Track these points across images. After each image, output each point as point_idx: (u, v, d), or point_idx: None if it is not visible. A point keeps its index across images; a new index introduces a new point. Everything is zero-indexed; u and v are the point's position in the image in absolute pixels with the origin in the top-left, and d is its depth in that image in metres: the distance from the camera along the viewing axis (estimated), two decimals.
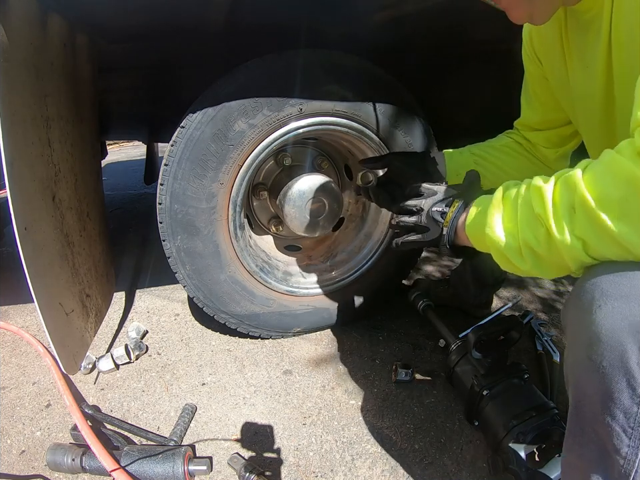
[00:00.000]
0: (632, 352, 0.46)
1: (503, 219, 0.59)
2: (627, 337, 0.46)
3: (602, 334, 0.48)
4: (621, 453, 0.50)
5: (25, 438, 1.04)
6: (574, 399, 0.56)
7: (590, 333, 0.50)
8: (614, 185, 0.46)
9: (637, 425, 0.48)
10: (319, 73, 1.10)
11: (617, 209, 0.46)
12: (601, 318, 0.48)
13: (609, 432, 0.50)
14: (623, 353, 0.47)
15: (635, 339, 0.46)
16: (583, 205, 0.48)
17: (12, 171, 0.77)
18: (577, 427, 0.57)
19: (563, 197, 0.51)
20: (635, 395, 0.47)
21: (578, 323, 0.53)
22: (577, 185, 0.49)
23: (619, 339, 0.47)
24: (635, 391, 0.47)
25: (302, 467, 0.95)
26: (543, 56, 0.86)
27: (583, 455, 0.56)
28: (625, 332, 0.46)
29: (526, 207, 0.55)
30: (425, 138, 1.27)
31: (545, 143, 0.97)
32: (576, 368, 0.55)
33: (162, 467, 0.88)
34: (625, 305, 0.47)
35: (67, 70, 1.04)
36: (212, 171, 1.09)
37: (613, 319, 0.47)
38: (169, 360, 1.31)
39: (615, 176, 0.46)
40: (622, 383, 0.47)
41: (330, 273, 1.39)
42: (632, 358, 0.46)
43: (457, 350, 1.10)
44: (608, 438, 0.51)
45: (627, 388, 0.47)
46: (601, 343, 0.48)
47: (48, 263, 0.94)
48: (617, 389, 0.48)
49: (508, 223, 0.58)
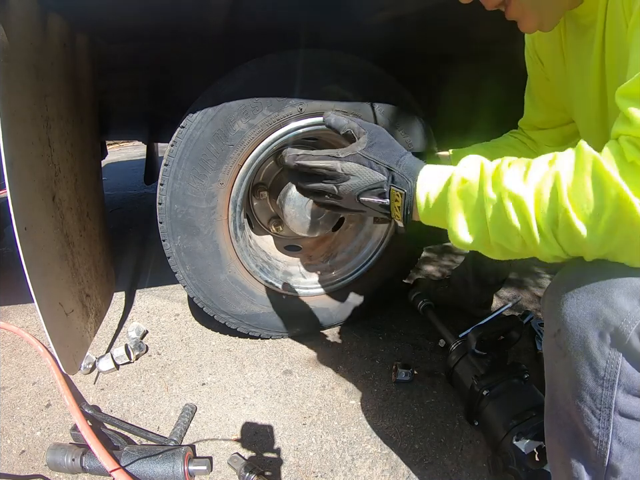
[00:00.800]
0: (592, 337, 0.50)
1: (466, 221, 0.55)
2: (588, 324, 0.50)
3: (567, 322, 0.52)
4: (592, 434, 0.53)
5: (25, 438, 1.04)
6: (548, 385, 0.60)
7: (558, 322, 0.54)
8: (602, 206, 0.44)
9: (603, 406, 0.51)
10: (318, 73, 1.10)
11: (602, 227, 0.45)
12: (567, 308, 0.52)
13: (579, 414, 0.53)
14: (585, 339, 0.51)
15: (595, 326, 0.50)
16: (566, 221, 0.46)
17: (12, 171, 0.77)
18: (552, 412, 0.60)
19: (545, 215, 0.48)
20: (598, 377, 0.50)
21: (549, 313, 0.57)
22: (561, 200, 0.46)
23: (582, 327, 0.51)
24: (597, 373, 0.50)
25: (302, 467, 0.95)
26: (544, 56, 0.86)
27: (560, 439, 0.59)
28: (587, 320, 0.50)
29: (499, 215, 0.51)
30: (425, 138, 1.27)
31: (549, 142, 0.97)
32: (548, 355, 0.59)
33: (162, 466, 0.88)
34: (589, 298, 0.51)
35: (67, 70, 1.04)
36: (212, 171, 1.09)
37: (577, 310, 0.51)
38: (169, 360, 1.31)
39: (603, 197, 0.44)
40: (586, 367, 0.51)
41: (330, 273, 1.39)
42: (593, 343, 0.50)
43: (457, 350, 1.10)
44: (579, 420, 0.54)
45: (590, 371, 0.51)
46: (567, 331, 0.52)
47: (48, 263, 0.94)
48: (581, 372, 0.52)
49: (473, 224, 0.54)
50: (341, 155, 0.64)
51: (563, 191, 0.46)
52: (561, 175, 0.47)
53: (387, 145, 0.65)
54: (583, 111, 0.78)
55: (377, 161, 0.63)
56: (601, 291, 0.50)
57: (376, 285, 1.42)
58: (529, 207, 0.49)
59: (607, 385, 0.50)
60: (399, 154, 0.64)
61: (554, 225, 0.48)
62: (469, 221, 0.55)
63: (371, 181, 0.63)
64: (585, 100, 0.74)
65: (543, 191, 0.48)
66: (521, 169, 0.52)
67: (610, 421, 0.51)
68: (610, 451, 0.52)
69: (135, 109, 1.80)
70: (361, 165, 0.63)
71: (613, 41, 0.61)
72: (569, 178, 0.46)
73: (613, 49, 0.62)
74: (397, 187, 0.61)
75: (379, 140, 0.65)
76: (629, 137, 0.45)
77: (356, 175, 0.63)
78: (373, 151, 0.63)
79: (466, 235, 0.55)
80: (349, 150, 0.64)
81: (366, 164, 0.63)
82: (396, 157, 0.63)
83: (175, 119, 1.09)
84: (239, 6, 0.96)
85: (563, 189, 0.46)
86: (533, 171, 0.50)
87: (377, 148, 0.64)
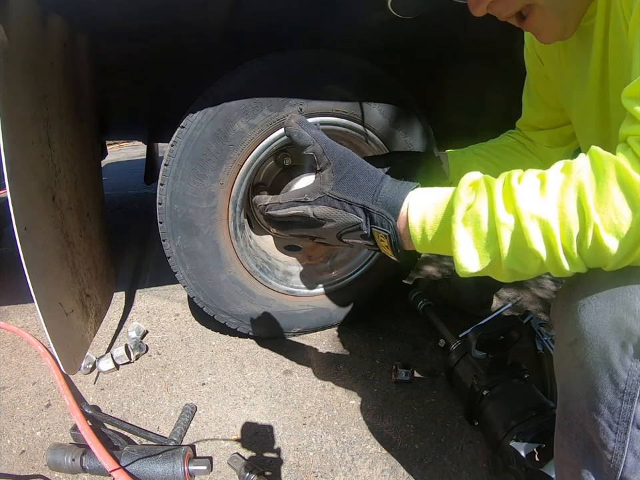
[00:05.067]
0: (614, 348, 0.47)
1: (476, 250, 0.49)
2: (609, 334, 0.47)
3: (586, 331, 0.49)
4: (607, 447, 0.51)
5: (25, 438, 1.04)
6: (561, 396, 0.57)
7: (575, 330, 0.50)
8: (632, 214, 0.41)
9: (621, 419, 0.49)
10: (318, 72, 1.10)
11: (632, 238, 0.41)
12: (585, 316, 0.49)
13: (595, 427, 0.51)
14: (605, 349, 0.47)
15: (616, 336, 0.47)
16: (594, 237, 0.42)
17: (12, 171, 0.77)
18: (565, 423, 0.57)
19: (572, 233, 0.43)
20: (618, 390, 0.48)
21: (564, 321, 0.53)
22: (587, 214, 0.42)
23: (602, 336, 0.47)
24: (617, 386, 0.48)
25: (302, 467, 0.95)
26: (544, 56, 0.86)
27: (572, 451, 0.57)
28: (608, 329, 0.47)
29: (516, 240, 0.46)
30: (424, 138, 1.27)
31: (548, 143, 0.97)
32: (562, 365, 0.55)
33: (162, 466, 0.88)
34: (609, 305, 0.47)
35: (67, 70, 1.04)
36: (212, 171, 1.09)
37: (597, 318, 0.48)
38: (169, 360, 1.31)
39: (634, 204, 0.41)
40: (605, 378, 0.48)
41: (330, 273, 1.39)
42: (614, 354, 0.47)
43: (457, 350, 1.10)
44: (594, 433, 0.51)
45: (610, 383, 0.48)
46: (585, 340, 0.49)
47: (48, 263, 0.94)
48: (600, 384, 0.49)
49: (484, 253, 0.48)
50: (309, 199, 0.56)
51: (589, 203, 0.42)
52: (585, 186, 0.42)
53: (359, 176, 0.56)
54: (580, 111, 0.78)
55: (350, 201, 0.55)
56: (621, 298, 0.47)
57: (376, 285, 1.42)
58: (554, 228, 0.43)
59: (627, 398, 0.48)
60: (374, 184, 0.55)
61: (580, 243, 0.43)
62: (479, 250, 0.48)
63: (347, 224, 0.56)
64: (583, 101, 0.74)
65: (568, 206, 0.43)
66: (534, 183, 0.46)
67: (627, 434, 0.49)
68: (624, 464, 0.50)
69: (135, 109, 1.80)
70: (333, 208, 0.55)
71: (614, 40, 0.61)
72: (593, 188, 0.42)
73: (614, 49, 0.61)
74: (378, 229, 0.54)
75: (347, 171, 0.56)
76: (638, 137, 0.43)
77: (330, 219, 0.56)
78: (342, 188, 0.55)
79: (475, 265, 0.49)
80: (317, 191, 0.56)
81: (338, 206, 0.55)
82: (371, 191, 0.55)
83: (175, 118, 1.09)
84: (239, 6, 0.96)
85: (588, 201, 0.42)
86: (549, 184, 0.45)
87: (348, 182, 0.55)
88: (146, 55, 1.26)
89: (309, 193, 0.57)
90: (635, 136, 0.44)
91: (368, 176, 0.56)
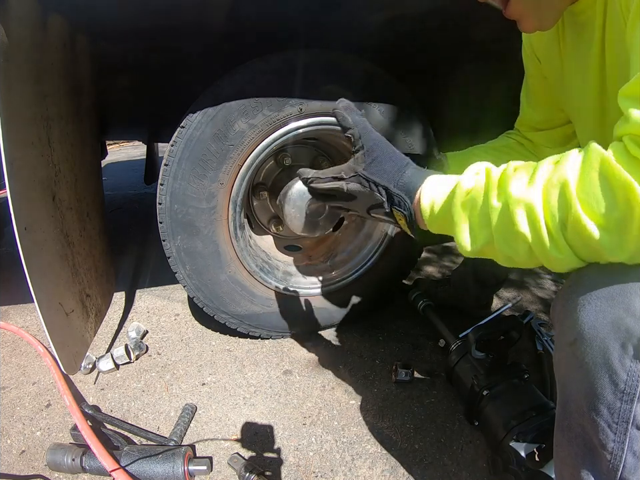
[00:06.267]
0: (614, 349, 0.47)
1: (471, 231, 0.55)
2: (609, 334, 0.47)
3: (585, 332, 0.49)
4: (607, 448, 0.51)
5: (25, 438, 1.04)
6: (560, 396, 0.58)
7: (574, 331, 0.51)
8: (612, 204, 0.43)
9: (620, 420, 0.49)
10: (318, 72, 1.10)
11: (614, 226, 0.43)
12: (585, 316, 0.49)
13: (594, 427, 0.51)
14: (605, 349, 0.48)
15: (616, 336, 0.47)
16: (575, 221, 0.45)
17: (12, 171, 0.77)
18: (564, 423, 0.58)
19: (555, 215, 0.46)
20: (618, 391, 0.48)
21: (564, 321, 0.54)
22: (569, 198, 0.45)
23: (602, 337, 0.48)
24: (617, 386, 0.48)
25: (302, 467, 0.95)
26: (542, 54, 0.86)
27: (572, 451, 0.57)
28: (607, 330, 0.47)
29: (504, 223, 0.50)
30: (425, 138, 1.27)
31: (548, 143, 0.97)
32: (561, 365, 0.56)
33: (162, 467, 0.88)
34: (609, 305, 0.48)
35: (67, 70, 1.04)
36: (212, 171, 1.09)
37: (597, 318, 0.48)
38: (169, 360, 1.31)
39: (613, 194, 0.43)
40: (605, 379, 0.48)
41: (330, 273, 1.39)
42: (614, 354, 0.47)
43: (457, 350, 1.10)
44: (594, 433, 0.52)
45: (610, 384, 0.48)
46: (584, 341, 0.49)
47: (48, 263, 0.94)
48: (600, 385, 0.49)
49: (479, 234, 0.54)
50: (344, 176, 0.67)
51: (571, 189, 0.45)
52: (568, 173, 0.46)
53: (387, 159, 0.65)
54: (580, 109, 0.78)
55: (376, 182, 0.64)
56: (621, 298, 0.47)
57: (376, 285, 1.42)
58: (537, 209, 0.47)
59: (627, 398, 0.48)
60: (399, 168, 0.64)
61: (563, 226, 0.46)
62: (474, 231, 0.54)
63: (373, 201, 0.66)
64: (583, 98, 0.73)
65: (551, 191, 0.47)
66: (527, 172, 0.50)
67: (627, 435, 0.49)
68: (624, 464, 0.50)
69: (135, 109, 1.80)
70: (362, 187, 0.65)
71: (612, 37, 0.61)
72: (576, 176, 0.45)
73: (612, 46, 0.62)
74: (397, 208, 0.63)
75: (377, 155, 0.65)
76: (631, 136, 0.44)
77: (359, 195, 0.66)
78: (372, 170, 0.65)
79: (472, 244, 0.55)
80: (351, 170, 0.66)
81: (366, 185, 0.65)
82: (395, 174, 0.64)
83: (175, 118, 1.09)
84: (238, 6, 0.96)
85: (571, 187, 0.45)
86: (538, 172, 0.49)
87: (377, 165, 0.65)
88: (146, 55, 1.26)
89: (345, 171, 0.67)
90: (628, 135, 0.45)
91: (394, 162, 0.65)
